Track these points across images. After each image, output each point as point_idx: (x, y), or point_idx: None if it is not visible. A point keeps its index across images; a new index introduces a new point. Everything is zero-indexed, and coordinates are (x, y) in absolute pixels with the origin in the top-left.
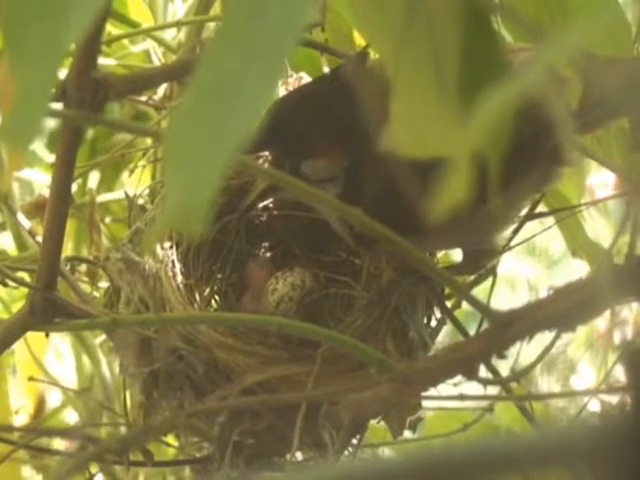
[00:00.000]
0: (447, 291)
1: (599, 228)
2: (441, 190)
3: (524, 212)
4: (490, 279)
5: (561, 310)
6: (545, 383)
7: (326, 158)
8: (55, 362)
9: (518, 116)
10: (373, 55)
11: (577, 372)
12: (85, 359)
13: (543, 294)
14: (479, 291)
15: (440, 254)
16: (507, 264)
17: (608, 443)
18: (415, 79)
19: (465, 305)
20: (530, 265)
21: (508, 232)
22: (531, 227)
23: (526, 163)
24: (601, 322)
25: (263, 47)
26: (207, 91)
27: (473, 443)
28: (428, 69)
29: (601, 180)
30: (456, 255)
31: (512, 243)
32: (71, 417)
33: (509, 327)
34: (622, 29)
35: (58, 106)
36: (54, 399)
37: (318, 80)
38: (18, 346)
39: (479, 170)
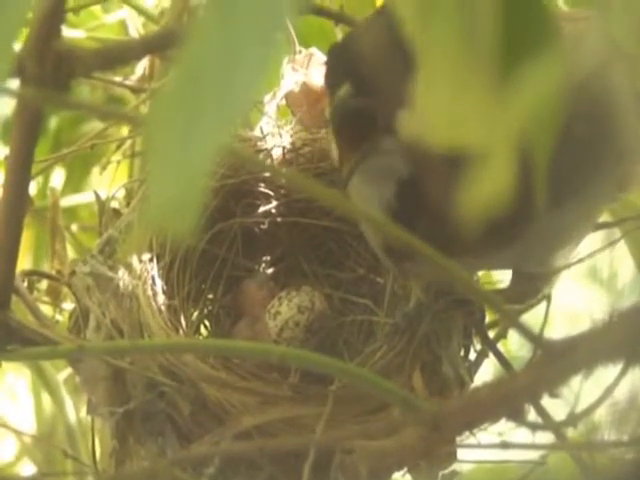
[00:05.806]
0: (489, 318)
1: None
2: (477, 183)
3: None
4: (543, 306)
5: (627, 338)
6: (609, 430)
7: None
8: (9, 403)
9: (580, 106)
10: None
11: None
12: (45, 398)
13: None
14: (529, 321)
15: (480, 273)
16: (564, 292)
17: None
18: (445, 49)
19: (511, 337)
20: (592, 293)
21: (572, 250)
22: (593, 243)
23: (596, 163)
24: None
25: (262, 9)
26: (197, 67)
27: None
28: (461, 37)
29: None
30: (500, 275)
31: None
32: (28, 470)
33: (563, 359)
34: None
35: (13, 84)
36: (8, 448)
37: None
38: None
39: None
